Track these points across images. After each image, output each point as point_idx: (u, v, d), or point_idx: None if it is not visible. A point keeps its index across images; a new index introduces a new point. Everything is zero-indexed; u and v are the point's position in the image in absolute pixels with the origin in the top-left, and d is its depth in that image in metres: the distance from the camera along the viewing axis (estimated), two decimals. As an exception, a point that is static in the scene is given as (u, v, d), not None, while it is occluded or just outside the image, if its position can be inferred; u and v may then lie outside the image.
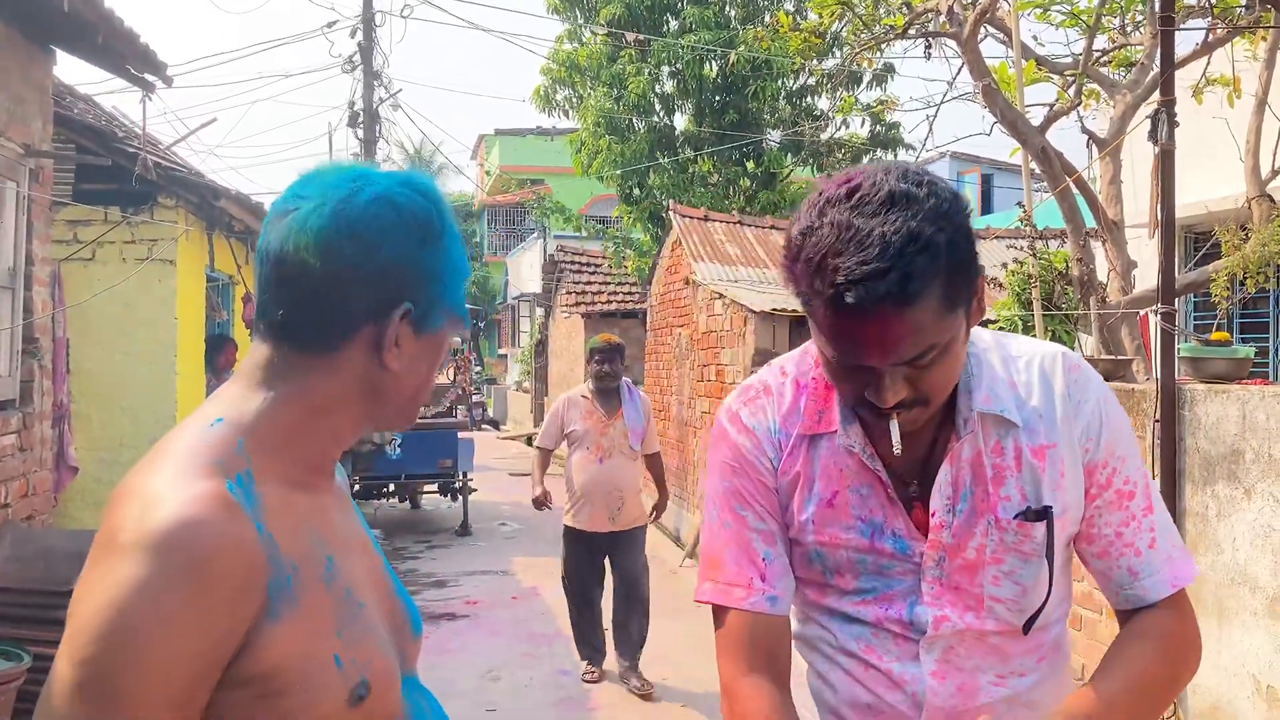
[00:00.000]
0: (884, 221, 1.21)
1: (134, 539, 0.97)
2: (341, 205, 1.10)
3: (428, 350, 1.17)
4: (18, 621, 4.18)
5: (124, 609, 0.94)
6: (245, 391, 1.12)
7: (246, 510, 1.02)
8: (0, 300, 4.97)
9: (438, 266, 1.15)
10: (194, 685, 0.97)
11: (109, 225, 6.24)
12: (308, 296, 1.10)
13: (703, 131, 15.34)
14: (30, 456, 5.17)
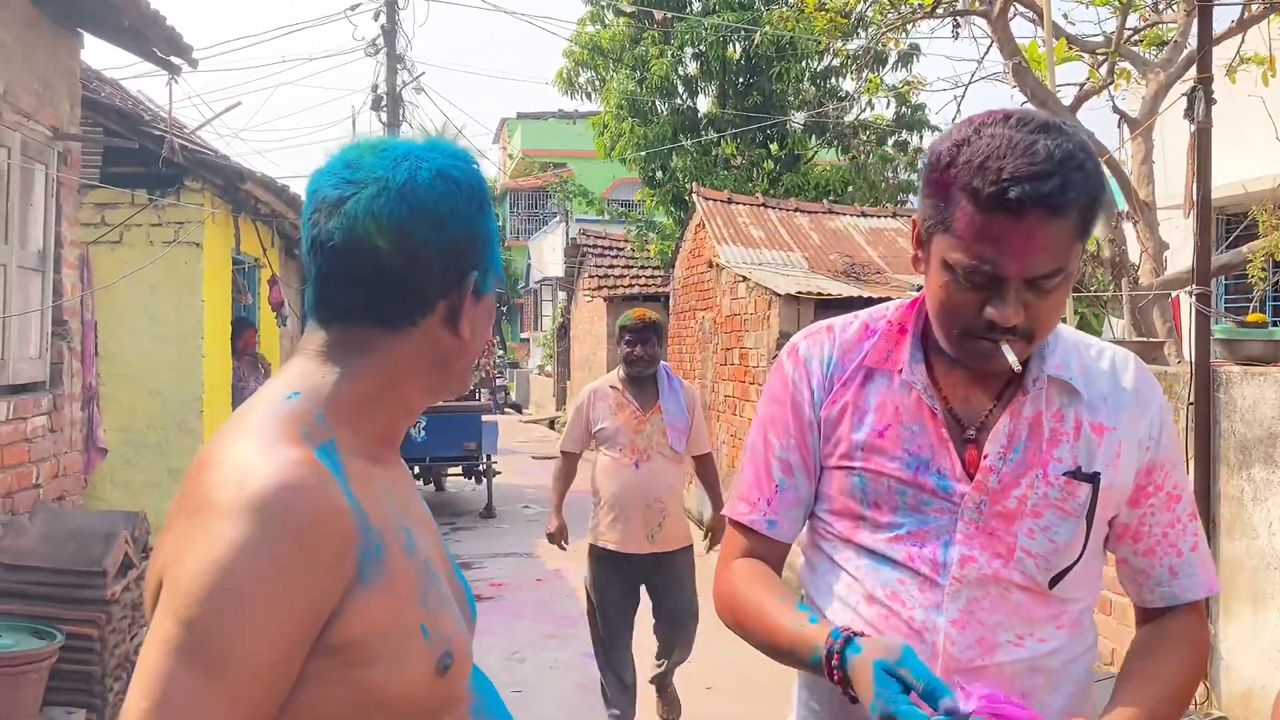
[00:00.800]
0: (1047, 136, 1.31)
1: (234, 503, 0.97)
2: (405, 186, 1.10)
3: (485, 314, 1.20)
4: (50, 600, 4.21)
5: (229, 570, 0.94)
6: (316, 367, 1.12)
7: (337, 477, 1.02)
8: (30, 282, 5.00)
9: (492, 232, 1.20)
10: (294, 648, 0.97)
11: (136, 208, 6.26)
12: (385, 279, 1.11)
13: (726, 113, 15.26)
14: (60, 438, 5.21)
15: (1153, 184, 5.63)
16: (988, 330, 1.37)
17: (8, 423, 4.63)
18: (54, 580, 4.26)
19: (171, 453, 6.35)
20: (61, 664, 4.12)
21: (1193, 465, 3.88)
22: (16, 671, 3.89)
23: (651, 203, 16.01)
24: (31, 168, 4.92)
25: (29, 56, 4.81)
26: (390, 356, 1.12)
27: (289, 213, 7.63)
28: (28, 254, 4.95)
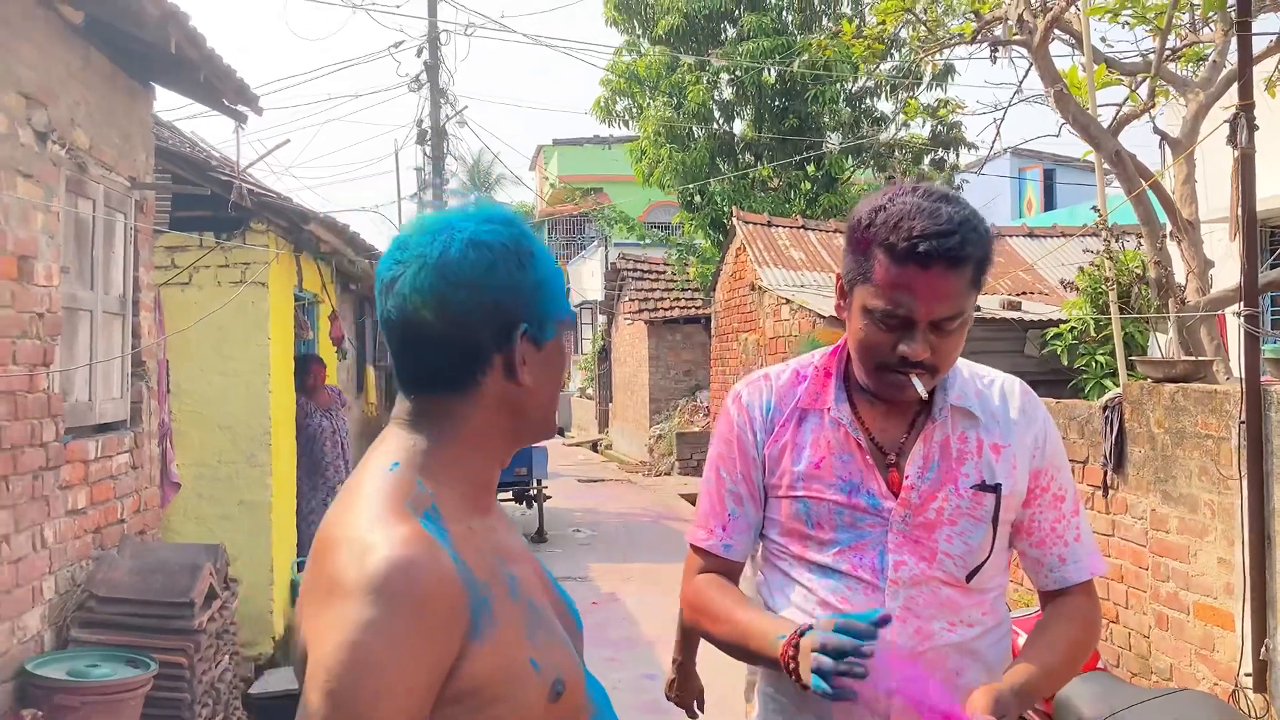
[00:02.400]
0: (948, 205, 1.62)
1: (359, 583, 1.08)
2: (440, 260, 1.20)
3: (550, 358, 1.28)
4: (142, 631, 4.41)
5: (362, 645, 1.06)
6: (408, 435, 1.24)
7: (443, 544, 1.13)
8: (112, 326, 5.23)
9: (538, 282, 1.26)
10: (422, 705, 1.09)
11: (204, 250, 6.50)
12: (436, 348, 1.22)
13: (762, 137, 15.41)
14: (140, 474, 5.44)
15: (1196, 203, 5.71)
16: (900, 365, 1.64)
17: (97, 460, 4.85)
18: (145, 611, 4.46)
19: (241, 485, 6.56)
20: (154, 691, 4.31)
21: (1245, 483, 3.95)
22: (115, 699, 4.08)
23: (690, 226, 16.17)
24: (113, 218, 5.17)
25: (110, 112, 5.06)
26: (468, 419, 1.24)
27: (347, 249, 7.86)
28: (110, 299, 5.19)
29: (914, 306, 1.60)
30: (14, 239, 4.10)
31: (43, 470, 4.30)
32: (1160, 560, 4.64)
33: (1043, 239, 12.63)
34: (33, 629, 4.23)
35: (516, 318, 1.23)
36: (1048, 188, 23.10)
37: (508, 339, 1.23)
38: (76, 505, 4.62)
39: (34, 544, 4.23)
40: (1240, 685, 4.01)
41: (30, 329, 4.23)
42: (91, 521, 4.78)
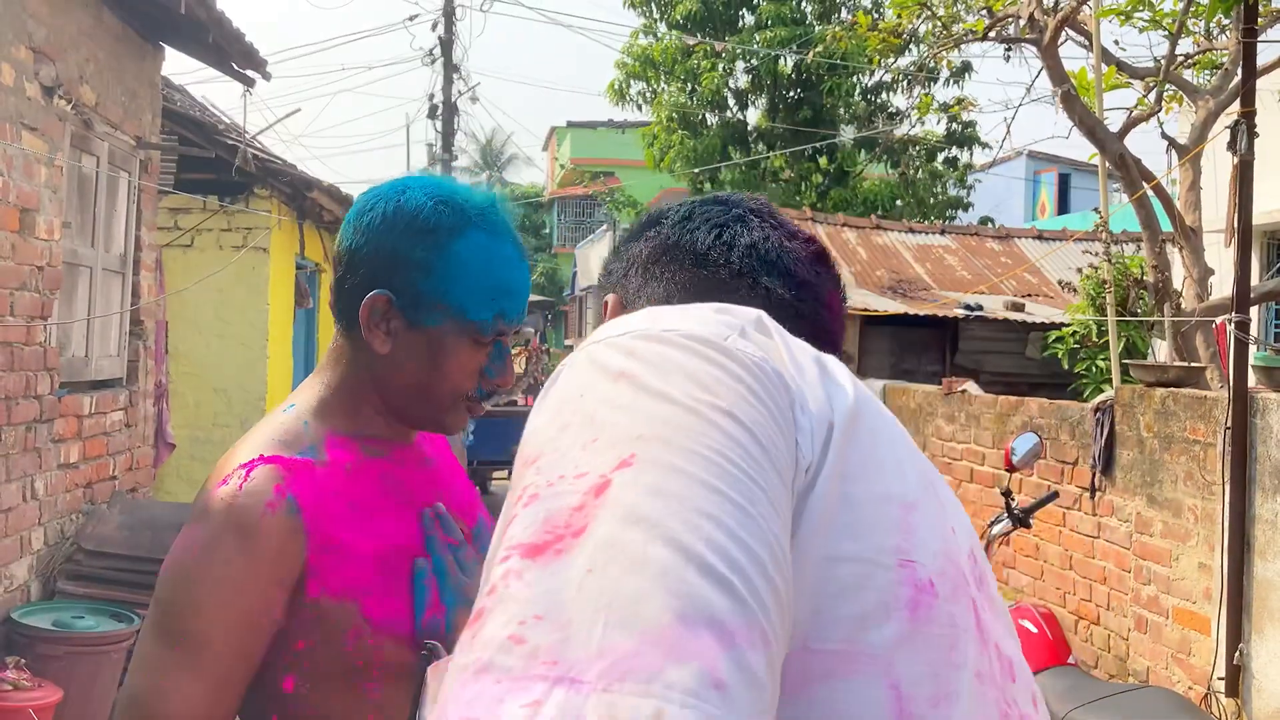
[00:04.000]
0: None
1: (200, 508, 1.17)
2: (360, 206, 1.27)
3: (423, 345, 1.24)
4: (128, 586, 4.46)
5: (188, 561, 1.15)
6: (313, 379, 1.31)
7: (296, 481, 1.18)
8: (111, 284, 5.27)
9: (426, 259, 1.22)
10: (246, 626, 1.15)
11: (207, 214, 6.53)
12: (333, 280, 1.30)
13: (776, 127, 15.39)
14: (135, 432, 5.48)
15: (1200, 210, 5.70)
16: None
17: (91, 416, 4.89)
18: (132, 567, 4.50)
19: (235, 449, 6.61)
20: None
21: (1228, 489, 3.97)
22: (99, 651, 4.13)
23: (699, 214, 16.15)
24: (116, 176, 5.19)
25: (118, 70, 5.08)
26: (349, 366, 1.28)
27: (351, 220, 7.89)
28: (111, 257, 5.22)
29: None
30: (16, 191, 4.12)
31: (36, 423, 4.34)
32: (1143, 563, 4.65)
33: (1051, 241, 12.60)
34: (20, 579, 4.28)
35: (380, 282, 1.23)
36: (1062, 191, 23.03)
37: (362, 297, 1.23)
38: (69, 459, 4.66)
39: (24, 495, 4.27)
40: (1213, 689, 4.03)
41: (30, 282, 4.26)
42: (83, 476, 4.82)
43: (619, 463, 0.56)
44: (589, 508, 0.54)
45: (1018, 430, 5.92)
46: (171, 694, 1.12)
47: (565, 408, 0.62)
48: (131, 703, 1.14)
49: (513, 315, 1.28)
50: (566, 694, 0.47)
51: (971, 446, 6.46)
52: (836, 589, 0.62)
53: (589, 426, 0.59)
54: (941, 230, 13.02)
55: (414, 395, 1.27)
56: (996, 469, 6.14)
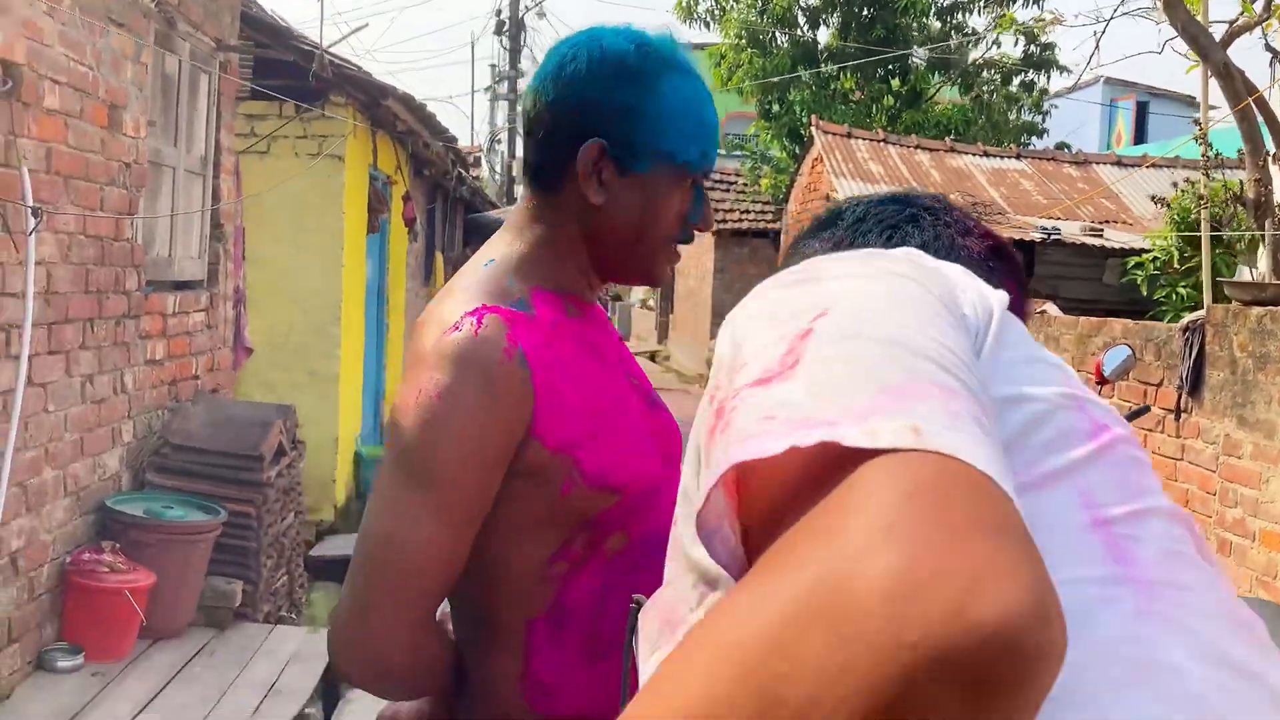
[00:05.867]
0: None
1: (436, 353, 1.17)
2: (556, 59, 1.24)
3: (638, 192, 1.23)
4: (213, 480, 4.57)
5: (431, 403, 1.15)
6: (510, 237, 1.29)
7: (520, 332, 1.18)
8: (193, 185, 5.31)
9: (636, 103, 1.21)
10: (490, 465, 1.16)
11: (284, 120, 6.54)
12: (530, 141, 1.27)
13: (847, 46, 14.99)
14: (215, 334, 5.57)
15: (1303, 126, 5.46)
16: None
17: (174, 315, 4.97)
18: (217, 462, 4.61)
19: (311, 356, 6.69)
20: (223, 538, 4.47)
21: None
22: (188, 540, 4.25)
23: (767, 136, 15.87)
24: (198, 76, 5.20)
25: (199, -31, 5.06)
26: (553, 225, 1.27)
27: (424, 131, 7.86)
28: (192, 159, 5.26)
29: None
30: (105, 86, 4.15)
31: (124, 318, 4.42)
32: (1229, 486, 4.55)
33: (1131, 168, 12.22)
34: (112, 468, 4.40)
35: (593, 130, 1.21)
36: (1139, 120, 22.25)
37: (577, 149, 1.22)
38: (154, 356, 4.75)
39: (115, 388, 4.37)
40: (1300, 612, 3.95)
41: (118, 178, 4.31)
42: (168, 373, 4.92)
43: (815, 317, 0.59)
44: (796, 349, 0.56)
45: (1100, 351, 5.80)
46: (421, 535, 1.14)
47: (746, 324, 0.64)
48: (382, 543, 1.15)
49: (711, 155, 1.28)
50: (824, 430, 0.49)
51: (1049, 369, 6.35)
52: (1019, 426, 0.64)
53: (774, 318, 0.62)
54: (1017, 155, 12.67)
55: (627, 244, 1.26)
56: (1075, 391, 6.03)
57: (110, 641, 3.99)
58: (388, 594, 1.15)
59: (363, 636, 1.17)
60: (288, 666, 4.27)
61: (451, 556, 1.16)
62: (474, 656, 1.27)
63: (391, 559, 1.14)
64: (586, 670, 1.23)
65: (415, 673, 1.23)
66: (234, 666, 4.20)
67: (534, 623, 1.23)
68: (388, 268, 8.48)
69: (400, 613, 1.16)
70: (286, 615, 5.14)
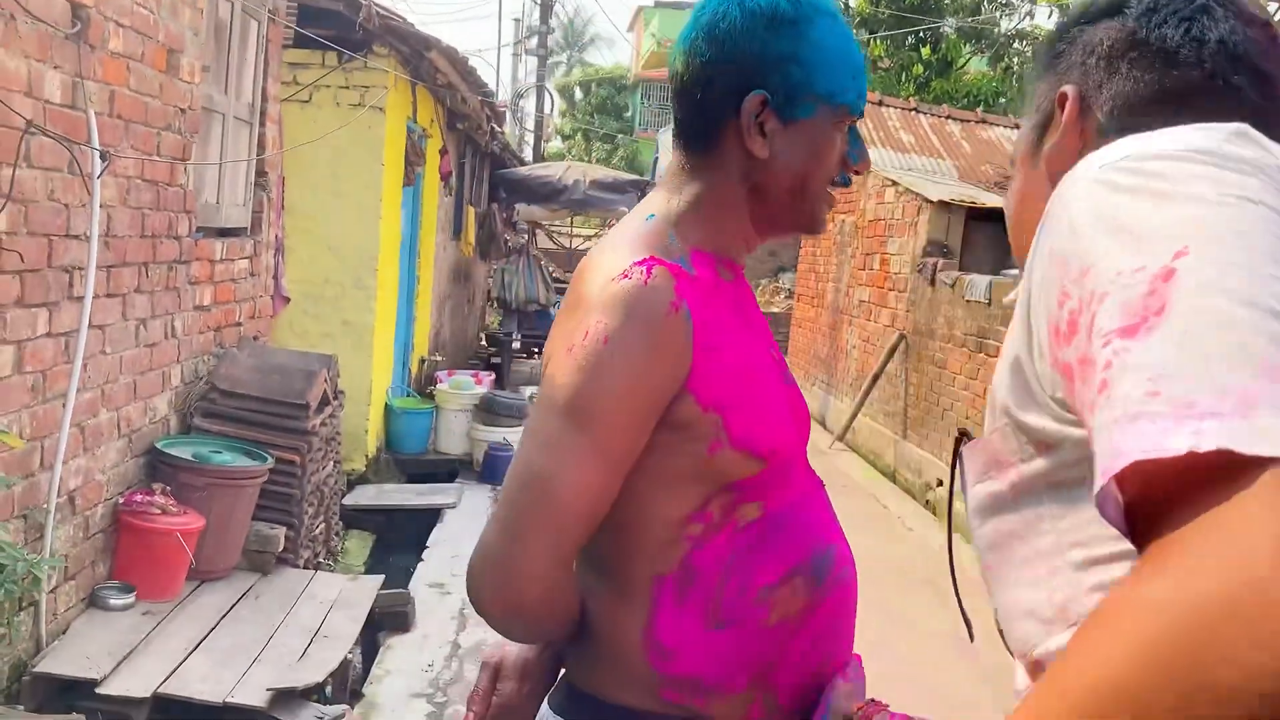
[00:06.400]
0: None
1: (603, 298, 1.18)
2: (706, 15, 1.25)
3: (801, 139, 1.24)
4: (260, 426, 4.61)
5: (596, 347, 1.16)
6: (667, 194, 1.30)
7: (684, 288, 1.19)
8: (239, 134, 5.32)
9: (794, 51, 1.22)
10: (646, 413, 1.18)
11: (326, 70, 6.52)
12: (684, 101, 1.28)
13: (879, 12, 14.87)
14: (257, 282, 5.59)
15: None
16: None
17: (221, 262, 5.00)
18: (263, 409, 4.66)
19: (346, 306, 6.73)
20: (268, 484, 4.53)
21: None
22: (235, 485, 4.31)
23: (794, 101, 15.78)
24: (248, 23, 5.19)
25: (253, -86, 5.03)
26: (712, 183, 1.27)
27: (462, 85, 7.82)
28: (240, 106, 5.26)
29: None
30: (165, 30, 4.15)
31: (176, 263, 4.45)
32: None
33: (1163, 145, 12.14)
34: (161, 412, 4.45)
35: (752, 82, 1.22)
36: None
37: (740, 102, 1.23)
38: (203, 302, 4.79)
39: (166, 332, 4.41)
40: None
41: (174, 123, 4.32)
42: (214, 319, 4.96)
43: (1174, 254, 0.60)
44: (1160, 291, 0.59)
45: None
46: (576, 476, 1.16)
47: (1091, 227, 0.66)
48: (538, 479, 1.17)
49: (864, 95, 1.29)
50: (1216, 424, 0.52)
51: (1083, 345, 6.36)
52: None
53: (1125, 234, 0.63)
54: (1048, 128, 12.60)
55: (792, 194, 1.27)
56: (1108, 369, 6.05)
57: (161, 582, 4.05)
58: (538, 529, 1.16)
59: (508, 568, 1.17)
60: (331, 612, 4.34)
61: (601, 500, 1.18)
62: (598, 608, 1.28)
63: (545, 496, 1.15)
64: (705, 637, 1.24)
65: (550, 613, 1.22)
66: (279, 610, 4.27)
67: (663, 580, 1.24)
68: (420, 221, 8.49)
69: (548, 549, 1.16)
70: (324, 562, 5.22)
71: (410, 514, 6.51)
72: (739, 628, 1.24)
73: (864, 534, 6.08)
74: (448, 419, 7.80)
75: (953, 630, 4.84)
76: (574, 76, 35.83)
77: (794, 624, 1.27)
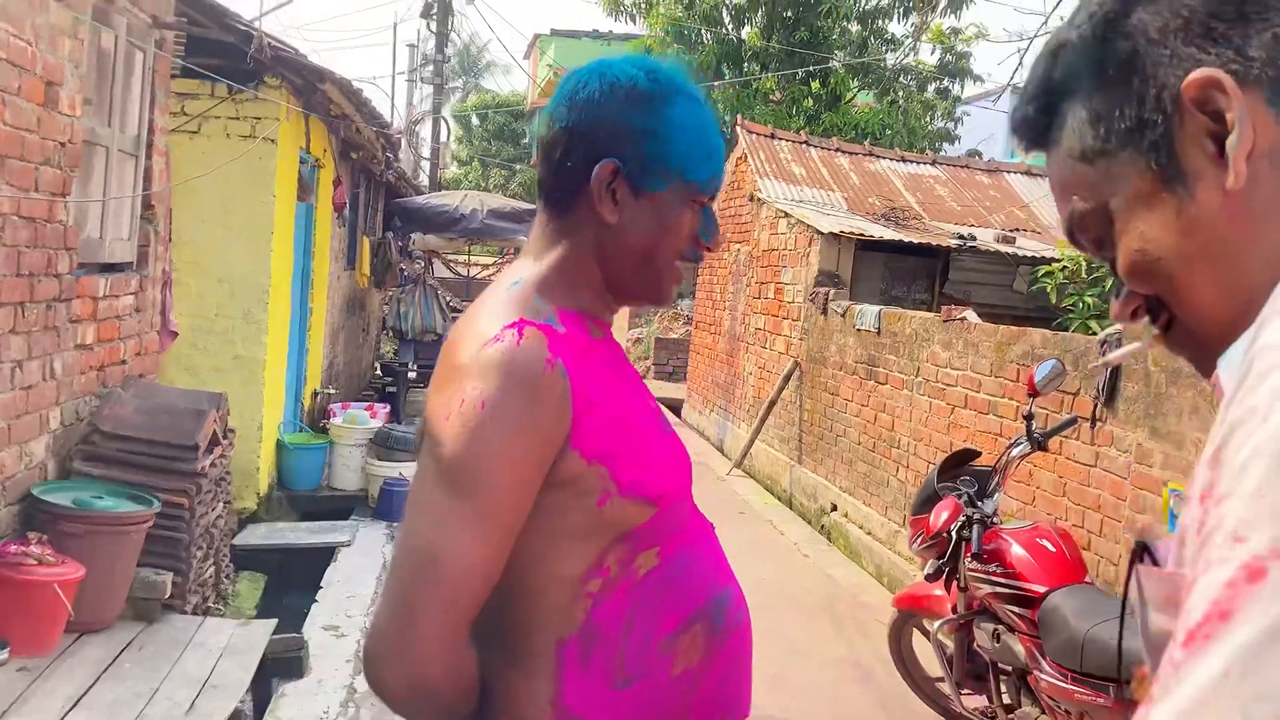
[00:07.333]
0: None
1: (477, 364, 1.19)
2: (565, 80, 1.31)
3: (651, 210, 1.27)
4: (146, 469, 4.47)
5: (474, 415, 1.16)
6: (530, 259, 1.33)
7: (557, 346, 1.21)
8: (125, 166, 5.17)
9: (650, 125, 1.26)
10: (531, 475, 1.19)
11: (215, 101, 6.38)
12: (545, 164, 1.31)
13: (770, 46, 15.20)
14: (143, 318, 5.43)
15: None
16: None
17: (105, 299, 4.84)
18: (149, 451, 4.51)
19: (237, 340, 6.56)
20: (154, 529, 4.38)
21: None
22: (118, 531, 4.16)
23: (689, 132, 15.99)
24: (133, 54, 5.06)
25: (138, -56, 4.91)
26: (568, 246, 1.30)
27: (357, 116, 7.74)
28: (125, 138, 5.12)
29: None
30: (43, 63, 4.02)
31: (56, 301, 4.30)
32: (1140, 493, 4.81)
33: (1040, 177, 12.66)
34: (39, 457, 4.27)
35: (607, 150, 1.25)
36: (1044, 130, 22.99)
37: (590, 169, 1.26)
38: (85, 340, 4.63)
39: (44, 373, 4.25)
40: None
41: (53, 158, 4.18)
42: (97, 358, 4.79)
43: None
44: (1239, 595, 0.48)
45: (1017, 360, 6.03)
46: (462, 545, 1.15)
47: (1266, 445, 0.51)
48: (425, 554, 1.15)
49: (720, 176, 1.33)
50: None
51: (967, 374, 6.58)
52: None
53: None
54: (932, 161, 13.02)
55: (639, 263, 1.30)
56: (992, 396, 6.27)
57: (38, 635, 3.88)
58: (432, 606, 1.14)
59: (406, 649, 1.15)
60: (220, 660, 4.22)
61: (493, 567, 1.17)
62: (499, 682, 1.25)
63: (435, 570, 1.14)
64: (612, 697, 1.24)
65: (454, 688, 1.20)
66: (165, 661, 4.12)
67: (565, 644, 1.24)
68: (313, 251, 8.34)
69: (444, 625, 1.15)
70: (214, 606, 5.06)
71: (304, 553, 6.36)
72: (645, 681, 1.25)
73: (764, 561, 6.17)
74: (342, 454, 7.66)
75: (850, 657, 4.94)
76: (470, 102, 35.70)
77: (697, 672, 1.28)
